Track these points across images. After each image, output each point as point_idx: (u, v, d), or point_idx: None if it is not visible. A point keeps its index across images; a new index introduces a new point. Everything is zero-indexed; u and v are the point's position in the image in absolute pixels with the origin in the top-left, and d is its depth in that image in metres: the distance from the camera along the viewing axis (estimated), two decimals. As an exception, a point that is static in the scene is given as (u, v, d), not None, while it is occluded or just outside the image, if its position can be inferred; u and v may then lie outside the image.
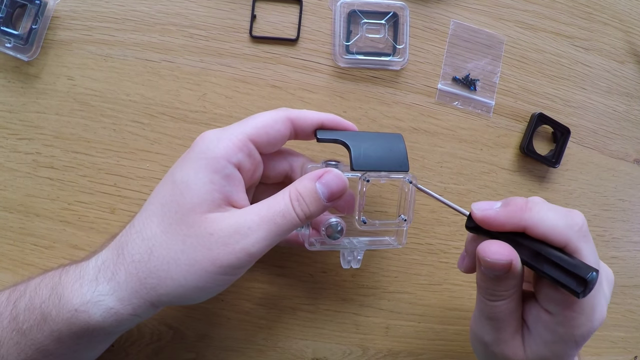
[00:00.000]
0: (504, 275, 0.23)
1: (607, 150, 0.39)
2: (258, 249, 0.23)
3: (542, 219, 0.22)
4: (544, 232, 0.22)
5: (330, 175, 0.24)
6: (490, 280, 0.23)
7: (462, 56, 0.35)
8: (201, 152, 0.23)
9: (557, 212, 0.23)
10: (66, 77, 0.31)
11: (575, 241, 0.22)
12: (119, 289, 0.22)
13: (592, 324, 0.23)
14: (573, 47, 0.38)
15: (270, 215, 0.23)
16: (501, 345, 0.24)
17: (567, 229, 0.22)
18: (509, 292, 0.23)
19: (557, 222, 0.22)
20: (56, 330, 0.23)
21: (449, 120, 0.36)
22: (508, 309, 0.24)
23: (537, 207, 0.23)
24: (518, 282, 0.23)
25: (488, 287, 0.24)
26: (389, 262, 0.35)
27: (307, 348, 0.33)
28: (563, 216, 0.22)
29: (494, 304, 0.24)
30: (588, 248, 0.22)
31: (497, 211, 0.23)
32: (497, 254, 0.22)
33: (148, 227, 0.23)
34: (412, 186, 0.28)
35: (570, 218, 0.23)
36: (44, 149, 0.31)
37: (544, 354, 0.23)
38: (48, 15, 0.31)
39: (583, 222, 0.23)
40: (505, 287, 0.23)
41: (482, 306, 0.25)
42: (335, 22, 0.33)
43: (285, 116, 0.26)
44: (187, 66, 0.32)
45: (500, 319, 0.24)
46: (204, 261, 0.22)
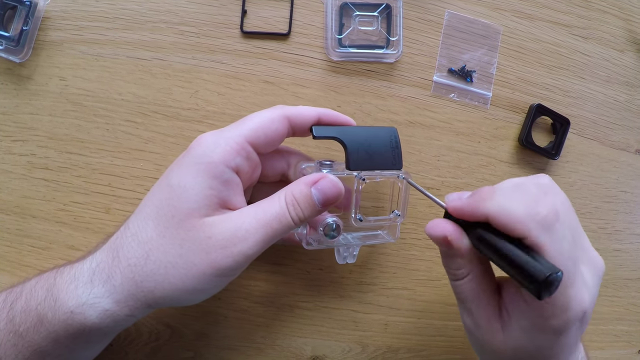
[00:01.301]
0: (450, 252, 0.23)
1: (608, 141, 0.37)
2: (255, 251, 0.23)
3: (501, 209, 0.21)
4: (503, 222, 0.21)
5: (325, 181, 0.24)
6: (443, 256, 0.24)
7: (457, 47, 0.34)
8: (199, 157, 0.23)
9: (520, 201, 0.21)
10: (58, 78, 0.31)
11: (535, 233, 0.20)
12: (114, 291, 0.22)
13: (569, 314, 0.21)
14: (571, 36, 0.36)
15: (267, 219, 0.23)
16: (480, 331, 0.24)
17: (526, 219, 0.20)
18: (462, 272, 0.23)
19: (516, 211, 0.20)
20: (53, 331, 0.22)
21: (445, 113, 0.34)
22: (470, 288, 0.23)
23: (499, 196, 0.21)
24: (468, 262, 0.23)
25: (444, 264, 0.24)
26: (387, 258, 0.33)
27: (306, 346, 0.32)
28: (525, 205, 0.21)
29: (454, 283, 0.24)
30: (551, 241, 0.20)
31: (463, 201, 0.23)
32: (431, 228, 0.23)
33: (144, 230, 0.23)
34: (405, 182, 0.27)
35: (533, 207, 0.21)
36: (38, 150, 0.31)
37: (523, 342, 0.22)
38: (38, 16, 0.30)
39: (548, 212, 0.20)
40: (455, 265, 0.24)
41: (453, 289, 0.25)
42: (327, 15, 0.32)
43: (281, 114, 0.25)
44: (179, 64, 0.31)
45: (468, 300, 0.24)
46: (202, 264, 0.22)
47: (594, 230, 0.37)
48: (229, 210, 0.23)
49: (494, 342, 0.23)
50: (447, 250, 0.23)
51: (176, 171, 0.23)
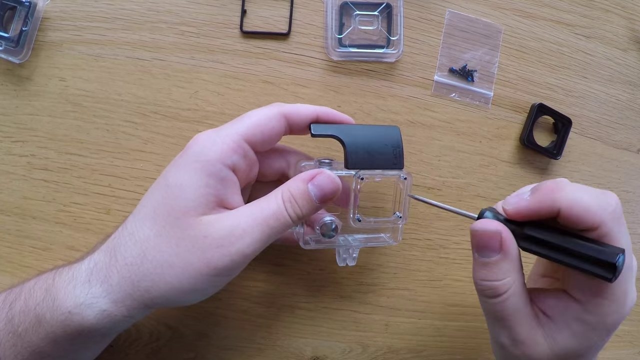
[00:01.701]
0: (496, 259, 0.21)
1: (610, 141, 0.37)
2: (252, 250, 0.22)
3: (575, 200, 0.20)
4: (578, 213, 0.20)
5: (322, 177, 0.23)
6: (480, 266, 0.22)
7: (458, 47, 0.33)
8: (195, 155, 0.23)
9: (590, 193, 0.21)
10: (58, 79, 0.30)
11: (609, 223, 0.20)
12: (112, 291, 0.22)
13: (624, 309, 0.21)
14: (574, 35, 0.36)
15: (264, 217, 0.22)
16: (520, 346, 0.22)
17: (600, 211, 0.20)
18: (508, 281, 0.21)
19: (590, 202, 0.20)
20: (51, 332, 0.22)
21: (446, 113, 0.34)
22: (512, 304, 0.22)
23: (569, 188, 0.21)
24: (513, 269, 0.21)
25: (480, 278, 0.22)
26: (388, 258, 0.33)
27: (307, 346, 0.32)
28: (596, 197, 0.20)
29: (493, 302, 0.22)
30: (621, 231, 0.21)
31: (529, 201, 0.21)
32: (484, 224, 0.22)
33: (140, 229, 0.22)
34: (407, 183, 0.26)
35: (604, 199, 0.21)
36: (38, 151, 0.30)
37: (573, 346, 0.21)
38: (38, 17, 0.30)
39: (617, 204, 0.21)
40: (497, 273, 0.21)
41: (485, 307, 0.23)
42: (327, 14, 0.31)
43: (278, 112, 0.24)
44: (178, 64, 0.31)
45: (508, 318, 0.22)
46: (199, 264, 0.21)
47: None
48: (226, 209, 0.23)
49: (538, 355, 0.22)
50: (491, 255, 0.21)
51: (173, 170, 0.23)
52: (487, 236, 0.21)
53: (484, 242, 0.22)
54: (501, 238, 0.21)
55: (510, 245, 0.21)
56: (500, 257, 0.21)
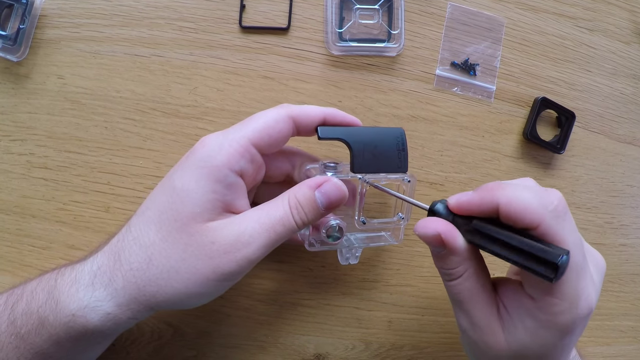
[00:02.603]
0: (443, 252, 0.22)
1: (614, 135, 0.36)
2: (258, 256, 0.22)
3: (514, 198, 0.20)
4: (516, 211, 0.20)
5: (329, 185, 0.23)
6: (435, 257, 0.23)
7: (460, 40, 0.32)
8: (202, 160, 0.22)
9: (531, 191, 0.20)
10: (56, 76, 0.29)
11: (549, 221, 0.20)
12: (116, 295, 0.21)
13: (577, 311, 0.20)
14: (577, 28, 0.35)
15: (270, 223, 0.22)
16: (477, 332, 0.22)
17: (540, 209, 0.20)
18: (458, 270, 0.22)
19: (529, 200, 0.20)
20: (54, 334, 0.22)
21: (448, 107, 0.33)
22: (466, 289, 0.22)
23: (510, 187, 0.21)
24: (463, 260, 0.22)
25: (437, 266, 0.23)
26: (391, 254, 0.32)
27: (309, 343, 0.31)
28: (536, 195, 0.20)
29: (449, 284, 0.23)
30: (564, 229, 0.20)
31: (470, 196, 0.22)
32: (422, 228, 0.22)
33: (146, 234, 0.22)
34: (410, 185, 0.26)
35: (545, 197, 0.20)
36: (37, 149, 0.29)
37: (526, 341, 0.21)
38: (35, 15, 0.29)
39: (559, 201, 0.20)
40: (449, 263, 0.22)
41: (448, 291, 0.24)
42: (327, 8, 0.31)
43: (286, 115, 0.24)
44: (177, 60, 0.30)
45: (465, 301, 0.22)
46: (205, 269, 0.21)
47: (600, 225, 0.36)
48: (232, 213, 0.23)
49: (494, 343, 0.22)
50: (439, 250, 0.22)
51: (179, 174, 0.22)
52: (428, 239, 0.22)
53: (428, 241, 0.22)
54: (441, 239, 0.22)
55: (453, 242, 0.22)
56: (447, 252, 0.22)
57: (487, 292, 0.22)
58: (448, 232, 0.22)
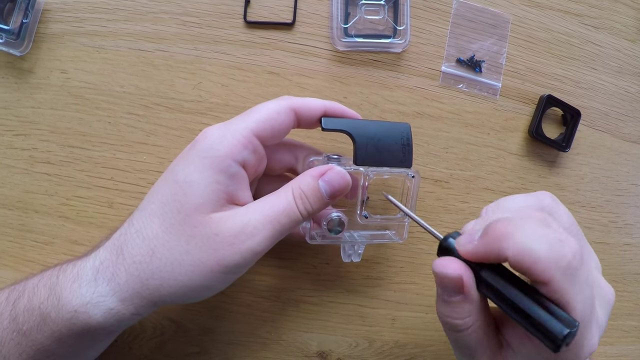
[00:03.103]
0: (458, 300, 0.20)
1: (620, 133, 0.35)
2: (263, 248, 0.22)
3: (523, 250, 0.18)
4: (526, 266, 0.18)
5: (333, 173, 0.23)
6: (443, 303, 0.20)
7: (466, 37, 0.32)
8: (205, 151, 0.21)
9: (543, 241, 0.18)
10: (59, 71, 0.29)
11: (560, 280, 0.18)
12: (119, 290, 0.21)
13: (580, 357, 0.19)
14: (582, 26, 0.34)
15: (275, 214, 0.22)
16: None
17: (551, 264, 0.17)
18: (466, 322, 0.20)
19: (540, 254, 0.17)
20: (56, 330, 0.21)
21: (453, 104, 0.32)
22: (473, 340, 0.20)
23: (519, 234, 0.18)
24: (475, 310, 0.20)
25: (443, 314, 0.21)
26: (395, 252, 0.32)
27: (312, 341, 0.31)
28: (549, 247, 0.18)
29: (454, 335, 0.21)
30: (574, 288, 0.18)
31: (476, 245, 0.20)
32: (444, 267, 0.20)
33: (149, 226, 0.21)
34: (414, 180, 0.26)
35: (558, 250, 0.18)
36: (40, 144, 0.29)
37: None
38: (39, 9, 0.28)
39: (573, 256, 0.18)
40: (460, 313, 0.20)
41: (449, 337, 0.22)
42: (332, 4, 0.30)
43: (288, 106, 0.23)
44: (181, 55, 0.30)
45: (470, 348, 0.21)
46: (210, 262, 0.21)
47: (604, 224, 0.35)
48: (235, 205, 0.22)
49: None
50: (453, 295, 0.20)
51: (182, 166, 0.22)
52: (448, 280, 0.20)
53: (445, 283, 0.20)
54: (462, 282, 0.20)
55: (471, 289, 0.20)
56: (462, 299, 0.20)
57: (492, 336, 0.21)
58: (468, 278, 0.20)
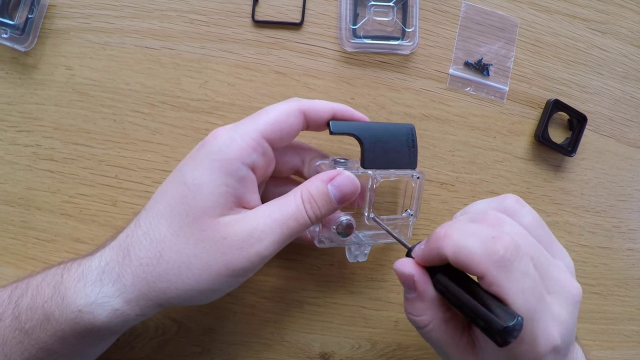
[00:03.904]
0: (414, 297, 0.21)
1: (625, 139, 0.35)
2: (271, 252, 0.21)
3: (459, 248, 0.19)
4: (463, 262, 0.19)
5: (342, 178, 0.23)
6: (405, 300, 0.22)
7: (474, 40, 0.32)
8: (214, 153, 0.21)
9: (477, 239, 0.19)
10: (64, 67, 0.28)
11: (493, 273, 0.18)
12: (125, 291, 0.21)
13: (538, 350, 0.19)
14: (589, 31, 0.34)
15: (283, 218, 0.21)
16: None
17: (484, 259, 0.18)
18: (423, 319, 0.21)
19: (474, 250, 0.19)
20: (60, 330, 0.21)
21: (460, 107, 0.32)
22: (436, 336, 0.21)
23: (455, 234, 0.19)
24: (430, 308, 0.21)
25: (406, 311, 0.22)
26: (399, 254, 0.31)
27: (315, 342, 0.31)
28: (482, 244, 0.19)
29: (420, 332, 0.22)
30: (509, 279, 0.18)
31: (423, 249, 0.21)
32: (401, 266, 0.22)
33: (156, 228, 0.21)
34: (419, 181, 0.26)
35: (491, 246, 0.19)
36: (44, 141, 0.28)
37: None
38: (44, 4, 0.28)
39: (505, 250, 0.18)
40: (416, 309, 0.21)
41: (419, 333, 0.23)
42: (341, 4, 0.30)
43: (297, 108, 0.23)
44: (188, 53, 0.29)
45: (439, 346, 0.22)
46: (217, 265, 0.20)
47: (608, 228, 0.35)
48: (243, 208, 0.22)
49: None
50: (410, 293, 0.22)
51: (190, 167, 0.21)
52: (402, 277, 0.22)
53: (402, 281, 0.22)
54: (414, 281, 0.21)
55: (423, 288, 0.21)
56: (416, 296, 0.21)
57: (459, 335, 0.22)
58: (420, 277, 0.21)
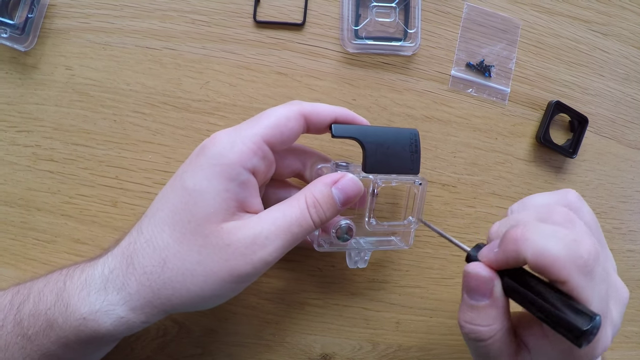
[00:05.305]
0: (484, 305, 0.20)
1: (626, 140, 0.34)
2: (275, 257, 0.21)
3: (540, 251, 0.18)
4: (544, 266, 0.18)
5: (346, 180, 0.22)
6: (468, 309, 0.20)
7: (476, 41, 0.31)
8: (214, 158, 0.21)
9: (558, 241, 0.18)
10: (64, 67, 0.28)
11: (577, 278, 0.18)
12: (130, 299, 0.20)
13: (594, 353, 0.19)
14: (591, 32, 0.33)
15: (287, 224, 0.21)
16: None
17: (568, 264, 0.18)
18: (490, 329, 0.20)
19: (557, 254, 0.18)
20: (63, 336, 0.20)
21: (462, 108, 0.31)
22: (495, 349, 0.20)
23: (534, 236, 0.18)
24: (500, 316, 0.20)
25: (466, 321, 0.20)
26: (400, 255, 0.31)
27: (316, 343, 0.30)
28: (565, 246, 0.18)
29: (476, 344, 0.20)
30: (592, 286, 0.18)
31: (496, 252, 0.20)
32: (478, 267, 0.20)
33: (159, 236, 0.21)
34: (421, 188, 0.26)
35: (575, 249, 0.18)
36: (44, 141, 0.28)
37: None
38: (44, 4, 0.27)
39: (589, 255, 0.18)
40: (486, 319, 0.20)
41: (471, 347, 0.21)
42: (343, 5, 0.29)
43: (298, 112, 0.22)
44: (189, 53, 0.28)
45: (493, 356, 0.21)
46: (221, 272, 0.20)
47: (608, 230, 0.34)
48: (246, 212, 0.21)
49: None
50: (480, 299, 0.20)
51: (190, 173, 0.21)
52: (480, 281, 0.20)
53: (476, 285, 0.20)
54: (493, 285, 0.20)
55: (498, 293, 0.20)
56: (489, 303, 0.20)
57: (512, 344, 0.21)
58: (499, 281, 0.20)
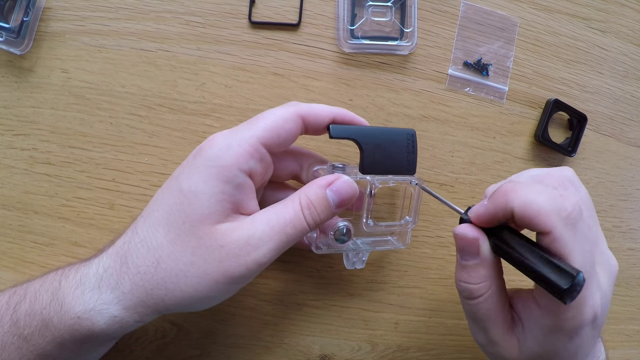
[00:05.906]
0: (473, 264, 0.21)
1: (625, 138, 0.34)
2: (269, 259, 0.21)
3: (527, 202, 0.19)
4: (529, 216, 0.19)
5: (340, 182, 0.22)
6: (461, 269, 0.22)
7: (473, 40, 0.31)
8: (210, 160, 0.20)
9: (545, 195, 0.19)
10: (60, 70, 0.28)
11: (560, 229, 0.18)
12: (124, 298, 0.20)
13: (582, 317, 0.20)
14: (589, 30, 0.33)
15: (281, 225, 0.21)
16: (494, 347, 0.22)
17: (552, 215, 0.18)
18: (483, 286, 0.21)
19: (543, 205, 0.19)
20: (58, 336, 0.20)
21: (460, 107, 0.31)
22: (486, 308, 0.21)
23: (524, 189, 0.19)
24: (490, 275, 0.21)
25: (460, 279, 0.22)
26: (399, 256, 0.31)
27: (315, 344, 0.30)
28: (551, 200, 0.19)
29: (469, 302, 0.22)
30: (574, 238, 0.19)
31: (486, 205, 0.21)
32: (464, 229, 0.21)
33: (153, 236, 0.20)
34: (418, 188, 0.25)
35: (559, 201, 0.19)
36: (41, 144, 0.28)
37: (537, 350, 0.21)
38: (39, 7, 0.27)
39: (573, 208, 0.19)
40: (476, 277, 0.21)
41: (464, 307, 0.23)
42: (338, 5, 0.29)
43: (295, 113, 0.22)
44: (184, 55, 0.28)
45: (483, 319, 0.22)
46: (215, 273, 0.20)
47: (608, 228, 0.34)
48: (241, 215, 0.21)
49: (510, 356, 0.22)
50: (470, 259, 0.21)
51: (186, 174, 0.21)
52: (466, 241, 0.21)
53: (462, 245, 0.21)
54: (479, 245, 0.21)
55: (486, 252, 0.21)
56: (478, 262, 0.21)
57: (505, 309, 0.22)
58: (483, 240, 0.21)
